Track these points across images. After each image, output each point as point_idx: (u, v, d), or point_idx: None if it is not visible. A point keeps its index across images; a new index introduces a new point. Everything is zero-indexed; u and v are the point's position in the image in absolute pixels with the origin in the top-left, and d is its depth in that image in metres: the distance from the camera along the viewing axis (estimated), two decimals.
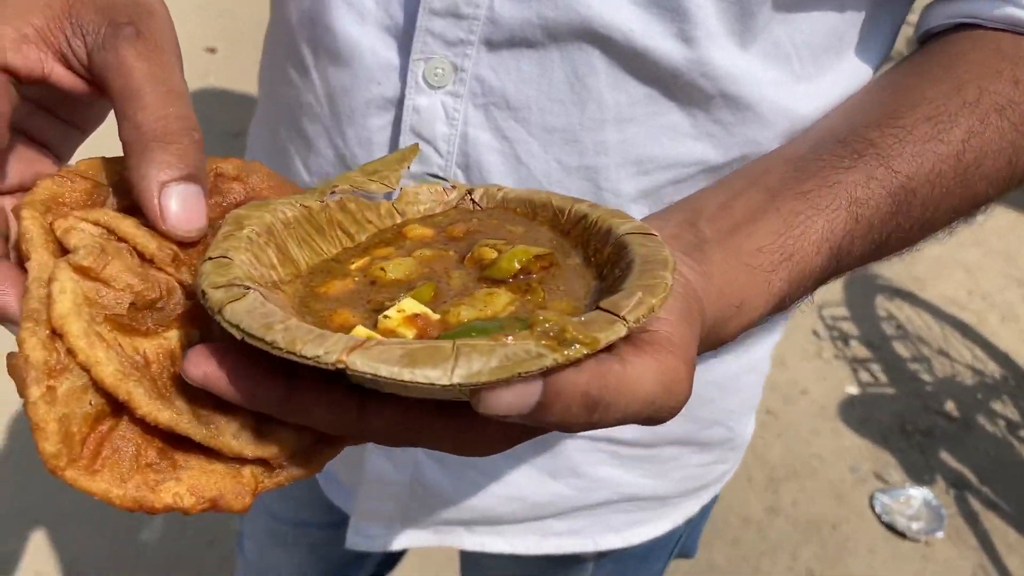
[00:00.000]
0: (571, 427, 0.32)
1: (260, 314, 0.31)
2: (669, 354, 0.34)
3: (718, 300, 0.42)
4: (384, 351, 0.29)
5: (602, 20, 0.52)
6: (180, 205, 0.37)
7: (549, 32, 0.53)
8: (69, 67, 0.39)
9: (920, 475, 2.22)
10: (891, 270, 2.88)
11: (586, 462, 0.74)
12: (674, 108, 0.56)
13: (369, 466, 0.75)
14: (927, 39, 0.59)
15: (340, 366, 0.29)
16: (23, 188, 0.41)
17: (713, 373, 0.72)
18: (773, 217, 0.47)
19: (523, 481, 0.74)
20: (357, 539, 0.82)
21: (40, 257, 0.35)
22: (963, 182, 0.52)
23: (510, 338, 0.30)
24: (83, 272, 0.35)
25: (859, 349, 2.61)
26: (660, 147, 0.57)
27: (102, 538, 1.90)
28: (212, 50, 3.62)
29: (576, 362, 0.30)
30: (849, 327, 2.68)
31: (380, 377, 0.29)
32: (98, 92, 0.39)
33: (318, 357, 0.29)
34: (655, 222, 0.47)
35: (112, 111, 0.41)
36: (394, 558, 1.07)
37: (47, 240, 0.36)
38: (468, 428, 0.34)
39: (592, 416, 0.32)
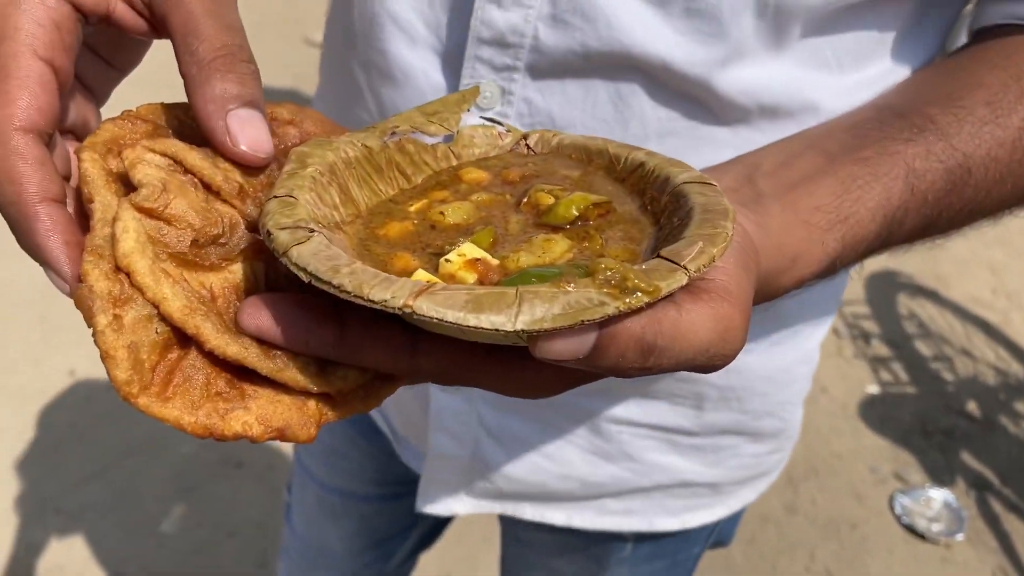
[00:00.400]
0: (626, 372, 0.33)
1: (326, 257, 0.32)
2: (725, 302, 0.34)
3: (774, 253, 0.43)
4: (449, 296, 0.30)
5: (644, 49, 0.53)
6: (246, 129, 0.38)
7: (591, 60, 0.55)
8: (131, 5, 0.40)
9: (940, 476, 2.20)
10: (914, 268, 2.85)
11: (640, 448, 0.75)
12: (714, 121, 0.57)
13: (432, 441, 0.77)
14: (978, 33, 0.59)
15: (407, 310, 0.30)
16: (70, 129, 0.42)
17: (767, 368, 0.73)
18: (831, 179, 0.47)
19: (578, 461, 0.76)
20: (426, 504, 0.84)
21: (103, 198, 0.36)
22: (1016, 171, 0.52)
23: (572, 285, 0.30)
24: (145, 212, 0.35)
25: (880, 348, 2.59)
26: (700, 156, 0.58)
27: (122, 530, 1.92)
28: None
29: (637, 310, 0.31)
30: (870, 325, 2.66)
31: (446, 322, 0.29)
32: (156, 31, 0.41)
33: (385, 301, 0.30)
34: (711, 175, 0.47)
35: (144, 55, 0.45)
36: (435, 534, 1.11)
37: (108, 181, 0.37)
38: (520, 370, 0.35)
39: (647, 361, 0.32)
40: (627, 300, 0.30)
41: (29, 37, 0.36)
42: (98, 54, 0.44)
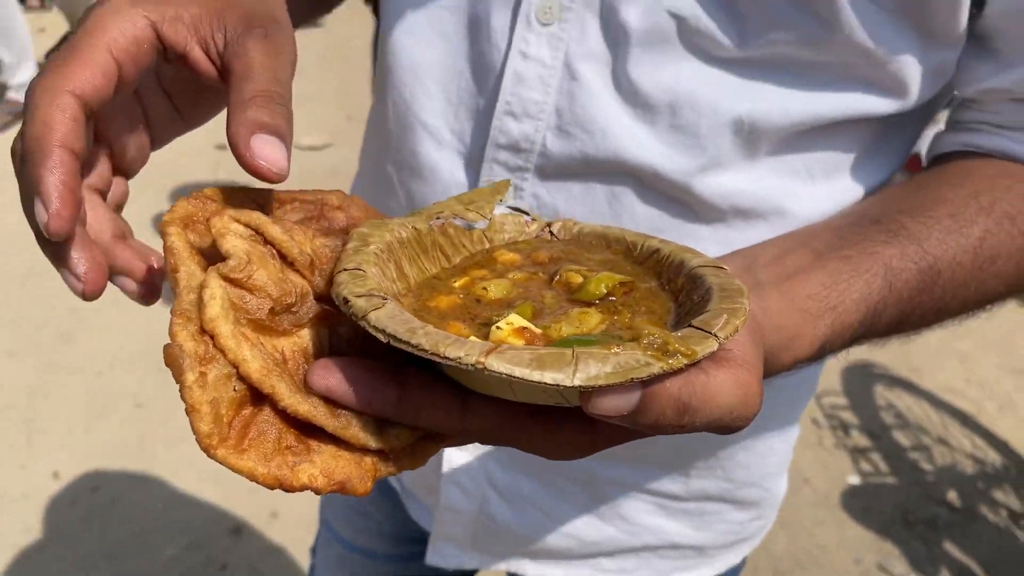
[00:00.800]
0: (663, 428, 0.37)
1: (401, 320, 0.36)
2: (744, 370, 0.39)
3: (774, 332, 0.49)
4: (516, 355, 0.34)
5: (634, 156, 0.62)
6: (266, 148, 0.42)
7: (590, 165, 0.63)
8: (207, 53, 0.46)
9: (923, 566, 2.21)
10: (888, 359, 2.91)
11: (633, 509, 0.81)
12: (695, 220, 0.65)
13: (443, 494, 0.84)
14: (937, 158, 0.66)
15: (479, 366, 0.33)
16: (119, 154, 0.48)
17: (748, 443, 0.79)
18: (820, 272, 0.53)
19: (577, 521, 0.83)
20: (435, 557, 0.90)
21: (188, 268, 0.40)
22: (977, 276, 0.58)
23: (619, 348, 0.35)
24: (231, 281, 0.39)
25: (859, 438, 2.62)
26: None
27: None
28: (223, 147, 3.73)
29: (677, 371, 0.35)
30: (849, 416, 2.70)
31: (514, 377, 0.33)
32: (222, 79, 0.46)
33: (460, 358, 0.34)
34: None
35: (212, 117, 0.51)
36: None
37: (192, 253, 0.41)
38: (558, 431, 0.40)
39: (682, 419, 0.37)
40: (669, 361, 0.35)
41: (109, 39, 0.42)
42: (171, 100, 0.51)
